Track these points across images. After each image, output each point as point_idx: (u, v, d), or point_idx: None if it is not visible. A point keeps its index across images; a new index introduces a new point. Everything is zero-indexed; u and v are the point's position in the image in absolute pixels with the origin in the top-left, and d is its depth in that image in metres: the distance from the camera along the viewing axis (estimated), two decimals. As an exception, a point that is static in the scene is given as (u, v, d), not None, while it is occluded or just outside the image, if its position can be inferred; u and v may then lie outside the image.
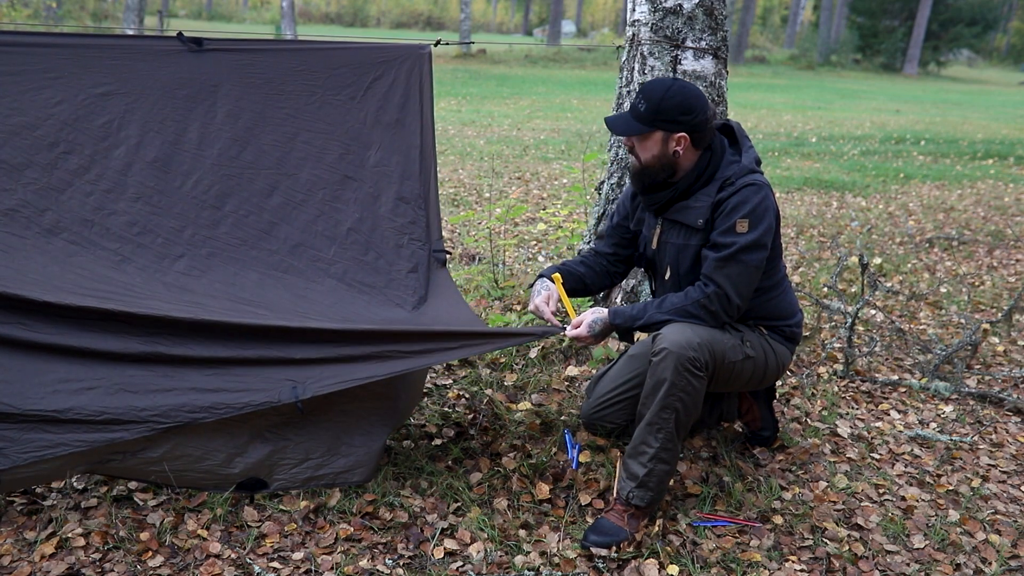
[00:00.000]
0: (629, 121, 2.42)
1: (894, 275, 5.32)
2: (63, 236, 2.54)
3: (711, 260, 2.36)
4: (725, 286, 2.35)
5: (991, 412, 3.36)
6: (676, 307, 2.37)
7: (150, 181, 2.69)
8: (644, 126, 2.39)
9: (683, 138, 2.39)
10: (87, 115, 2.66)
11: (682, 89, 2.38)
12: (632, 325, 2.44)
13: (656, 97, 2.37)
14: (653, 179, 2.45)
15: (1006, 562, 2.36)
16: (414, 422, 2.95)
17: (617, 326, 2.45)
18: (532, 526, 2.42)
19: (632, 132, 2.42)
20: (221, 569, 2.15)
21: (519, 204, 6.46)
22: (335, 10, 52.37)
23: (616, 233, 2.72)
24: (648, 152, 2.41)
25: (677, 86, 2.38)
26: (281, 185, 2.83)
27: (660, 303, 2.41)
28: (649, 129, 2.39)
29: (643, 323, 2.42)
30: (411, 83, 3.00)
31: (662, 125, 2.37)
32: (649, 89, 2.40)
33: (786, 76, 29.36)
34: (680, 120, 2.37)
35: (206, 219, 2.72)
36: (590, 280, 2.70)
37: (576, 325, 2.45)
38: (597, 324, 2.45)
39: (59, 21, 21.20)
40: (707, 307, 2.35)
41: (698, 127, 2.39)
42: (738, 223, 2.33)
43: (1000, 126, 15.93)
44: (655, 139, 2.40)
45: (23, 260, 2.44)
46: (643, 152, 2.43)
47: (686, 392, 2.30)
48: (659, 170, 2.43)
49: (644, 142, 2.41)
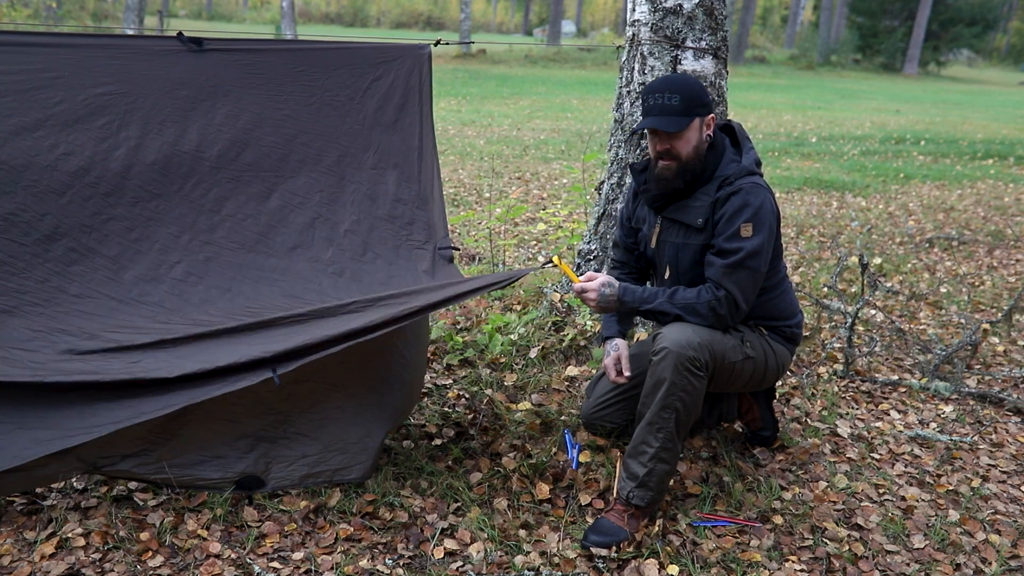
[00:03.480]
0: (672, 119, 2.36)
1: (894, 275, 5.32)
2: (62, 243, 2.54)
3: (719, 266, 2.36)
4: (734, 292, 2.35)
5: (991, 412, 3.36)
6: (687, 303, 2.37)
7: (149, 184, 2.69)
8: (686, 118, 2.36)
9: (712, 119, 2.42)
10: (87, 116, 2.66)
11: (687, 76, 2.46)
12: (640, 307, 2.42)
13: (684, 86, 2.36)
14: (693, 173, 2.41)
15: (1006, 562, 2.36)
16: (414, 422, 2.95)
17: (625, 303, 2.42)
18: (532, 526, 2.41)
19: (682, 126, 2.36)
20: (221, 569, 2.15)
21: (519, 204, 6.46)
22: (335, 10, 52.37)
23: (628, 238, 2.72)
24: (688, 144, 2.38)
25: (680, 75, 2.44)
26: (279, 188, 2.83)
27: (672, 294, 2.40)
28: (690, 120, 2.37)
29: (651, 308, 2.41)
30: (411, 83, 2.99)
31: (698, 111, 2.38)
32: (669, 83, 2.38)
33: (786, 76, 29.36)
34: (706, 102, 2.40)
35: (204, 223, 2.73)
36: None
37: (590, 279, 2.41)
38: (607, 291, 2.40)
39: (59, 21, 21.19)
40: (716, 310, 2.35)
41: (712, 106, 2.43)
42: (742, 227, 2.33)
43: (1000, 126, 15.92)
44: (693, 128, 2.38)
45: (23, 276, 2.45)
46: (684, 147, 2.38)
47: (686, 392, 2.30)
48: (696, 161, 2.41)
49: (684, 135, 2.37)
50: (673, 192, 2.45)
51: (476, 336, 3.66)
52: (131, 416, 2.18)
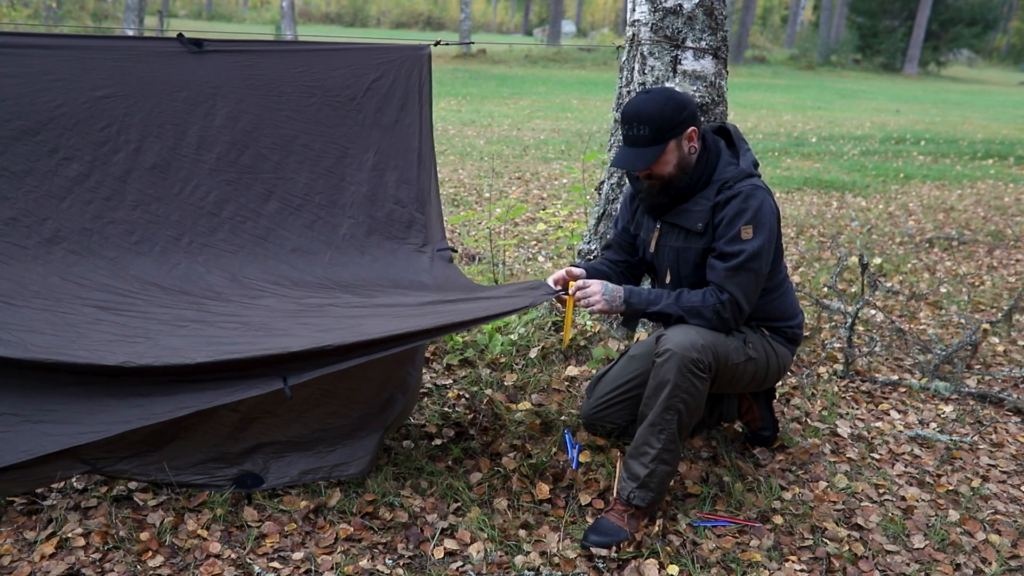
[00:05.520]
0: (640, 153, 2.35)
1: (894, 275, 5.32)
2: (63, 245, 2.55)
3: (721, 270, 2.36)
4: (737, 295, 2.35)
5: (991, 412, 3.36)
6: (692, 306, 2.36)
7: (149, 188, 2.70)
8: (658, 146, 2.34)
9: (693, 132, 2.39)
10: (87, 119, 2.67)
11: (662, 94, 2.36)
12: (646, 309, 2.40)
13: (652, 114, 2.32)
14: (679, 186, 2.41)
15: (1006, 562, 2.36)
16: (414, 422, 2.95)
17: (631, 304, 2.40)
18: (532, 526, 2.41)
19: (653, 158, 2.34)
20: (221, 569, 2.15)
21: (519, 204, 6.46)
22: (335, 10, 52.37)
23: (623, 239, 2.70)
24: (668, 166, 2.37)
25: (656, 94, 2.36)
26: (278, 190, 2.83)
27: (678, 296, 2.39)
28: (662, 146, 2.35)
29: (657, 310, 2.40)
30: (410, 85, 3.00)
31: (670, 134, 2.35)
32: (638, 112, 2.33)
33: (786, 76, 29.36)
34: (681, 120, 2.36)
35: (203, 226, 2.73)
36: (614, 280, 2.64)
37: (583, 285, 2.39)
38: (610, 295, 2.38)
39: (59, 21, 21.19)
40: (720, 314, 2.36)
41: (696, 113, 2.40)
42: (742, 230, 2.33)
43: (1000, 126, 15.92)
44: (669, 151, 2.36)
45: (24, 272, 2.45)
46: (663, 168, 2.38)
47: (689, 394, 2.30)
48: (683, 175, 2.40)
49: (660, 160, 2.36)
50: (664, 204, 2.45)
51: (476, 336, 3.66)
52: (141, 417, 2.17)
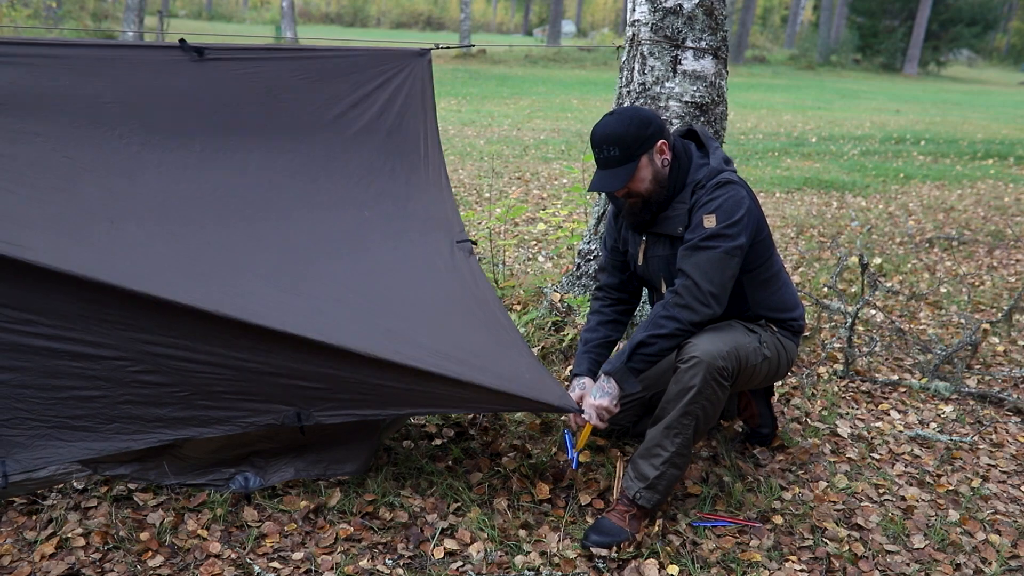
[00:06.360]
0: (615, 174, 2.36)
1: (894, 275, 5.32)
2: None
3: (679, 253, 2.38)
4: (692, 274, 2.33)
5: (991, 412, 3.36)
6: (648, 322, 2.36)
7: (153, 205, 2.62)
8: (631, 163, 2.35)
9: (663, 145, 2.40)
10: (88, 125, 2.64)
11: (626, 113, 2.39)
12: (626, 362, 2.36)
13: (619, 134, 2.33)
14: (659, 200, 2.42)
15: (1006, 562, 2.36)
16: (414, 422, 2.95)
17: (614, 373, 2.37)
18: (532, 526, 2.42)
19: (627, 176, 2.36)
20: (221, 569, 2.15)
21: (519, 204, 6.46)
22: (335, 10, 52.40)
23: (614, 259, 2.70)
24: (644, 182, 2.39)
25: (620, 114, 2.39)
26: (278, 200, 2.82)
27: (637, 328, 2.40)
28: (635, 163, 2.36)
29: (629, 352, 2.36)
30: (412, 89, 3.00)
31: (640, 150, 2.36)
32: (606, 134, 2.35)
33: (786, 76, 29.36)
34: (650, 133, 2.37)
35: (202, 238, 2.71)
36: (618, 335, 2.67)
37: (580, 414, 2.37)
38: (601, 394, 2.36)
39: (59, 21, 21.19)
40: (677, 303, 2.34)
41: (663, 127, 2.41)
42: (705, 219, 2.34)
43: (1000, 126, 15.92)
44: (642, 167, 2.37)
45: None
46: (640, 185, 2.39)
47: (709, 401, 2.32)
48: (660, 189, 2.41)
49: (635, 178, 2.37)
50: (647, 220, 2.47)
51: (476, 336, 3.66)
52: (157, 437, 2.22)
